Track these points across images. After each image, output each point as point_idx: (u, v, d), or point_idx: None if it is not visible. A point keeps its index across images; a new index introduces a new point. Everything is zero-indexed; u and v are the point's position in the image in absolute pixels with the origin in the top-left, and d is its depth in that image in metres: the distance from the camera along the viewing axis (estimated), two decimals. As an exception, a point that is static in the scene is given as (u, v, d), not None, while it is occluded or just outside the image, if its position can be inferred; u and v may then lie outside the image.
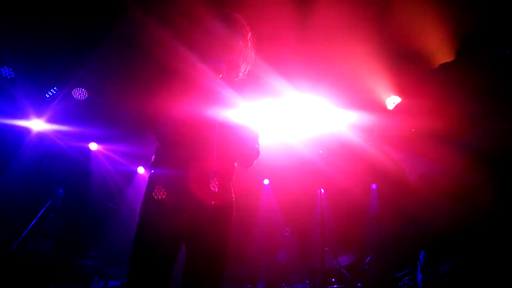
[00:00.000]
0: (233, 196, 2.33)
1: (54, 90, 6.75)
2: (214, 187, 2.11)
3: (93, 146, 8.49)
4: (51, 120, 7.27)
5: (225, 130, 2.21)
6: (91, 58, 5.96)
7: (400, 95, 5.78)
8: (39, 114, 7.10)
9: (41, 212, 5.81)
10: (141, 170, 9.24)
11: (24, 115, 6.98)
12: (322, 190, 7.38)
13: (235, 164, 2.39)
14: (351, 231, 7.91)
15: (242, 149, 2.33)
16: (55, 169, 7.51)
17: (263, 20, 4.77)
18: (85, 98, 6.68)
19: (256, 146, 2.40)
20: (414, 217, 1.94)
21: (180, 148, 2.19)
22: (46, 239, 6.15)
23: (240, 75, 2.45)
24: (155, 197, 2.15)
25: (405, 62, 5.22)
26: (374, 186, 8.99)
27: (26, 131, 7.23)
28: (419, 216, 1.93)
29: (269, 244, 8.49)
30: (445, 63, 2.22)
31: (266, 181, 9.96)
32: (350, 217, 8.21)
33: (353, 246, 7.37)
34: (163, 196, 2.14)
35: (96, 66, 6.10)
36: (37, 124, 7.27)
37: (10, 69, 6.09)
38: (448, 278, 2.37)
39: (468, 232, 1.83)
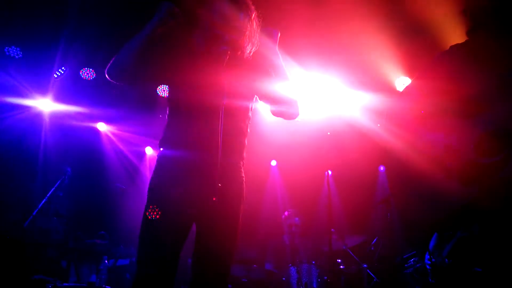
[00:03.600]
0: (243, 175, 2.31)
1: (63, 69, 6.75)
2: (219, 167, 2.05)
3: (102, 126, 8.52)
4: (59, 100, 7.29)
5: (234, 99, 2.20)
6: (101, 36, 5.91)
7: (410, 76, 5.72)
8: (46, 93, 7.11)
9: (51, 191, 5.88)
10: (149, 150, 9.28)
11: (31, 95, 7.00)
12: (330, 172, 7.38)
13: (245, 141, 2.35)
14: (358, 213, 7.92)
15: (264, 90, 2.31)
16: (64, 149, 7.57)
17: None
18: (93, 78, 6.68)
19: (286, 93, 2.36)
20: (423, 199, 1.93)
21: (190, 122, 2.18)
22: (56, 218, 6.25)
23: (245, 55, 2.41)
24: (165, 176, 2.15)
25: (417, 40, 5.13)
26: (382, 168, 8.96)
27: (33, 110, 7.26)
28: (428, 198, 1.92)
29: (276, 225, 8.55)
30: (457, 44, 2.17)
31: (273, 162, 9.96)
32: (357, 199, 8.21)
33: (359, 228, 7.40)
34: (172, 175, 2.14)
35: (106, 44, 6.06)
36: (44, 104, 7.29)
37: (18, 49, 6.09)
38: (449, 259, 2.38)
39: (478, 213, 1.81)
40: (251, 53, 2.43)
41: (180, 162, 2.15)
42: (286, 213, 7.55)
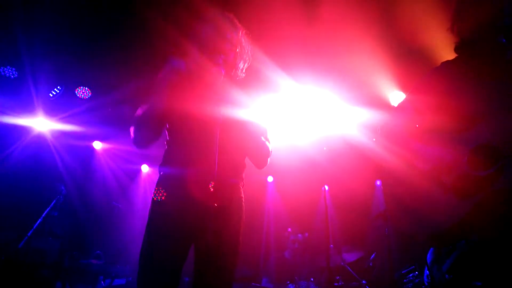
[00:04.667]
0: (242, 196, 2.32)
1: (58, 88, 6.77)
2: (214, 188, 2.08)
3: (97, 144, 8.51)
4: (55, 119, 7.29)
5: (230, 126, 2.20)
6: (95, 55, 5.95)
7: (404, 92, 5.76)
8: (43, 113, 7.11)
9: (46, 211, 5.83)
10: (145, 168, 9.25)
11: (28, 114, 7.00)
12: (326, 187, 7.37)
13: (245, 162, 2.37)
14: (356, 228, 7.89)
15: (251, 146, 2.31)
16: (59, 167, 7.53)
17: (268, 15, 4.77)
18: (89, 97, 6.69)
19: (266, 141, 2.38)
20: (419, 214, 1.93)
21: (186, 147, 2.20)
22: (51, 238, 6.19)
23: (239, 73, 2.44)
24: (163, 198, 2.17)
25: (410, 59, 5.19)
26: (378, 182, 8.96)
27: (30, 129, 7.25)
28: (424, 213, 1.92)
29: (273, 241, 8.50)
30: (448, 61, 2.20)
31: (270, 178, 9.95)
32: (354, 214, 8.20)
33: (358, 243, 7.36)
34: (170, 197, 2.16)
35: (101, 63, 6.10)
36: (41, 123, 7.29)
37: (13, 69, 6.10)
38: (449, 275, 2.36)
39: (473, 227, 1.81)
40: (244, 70, 2.45)
41: (179, 184, 2.16)
42: (289, 229, 7.52)
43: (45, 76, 6.33)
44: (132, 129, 2.26)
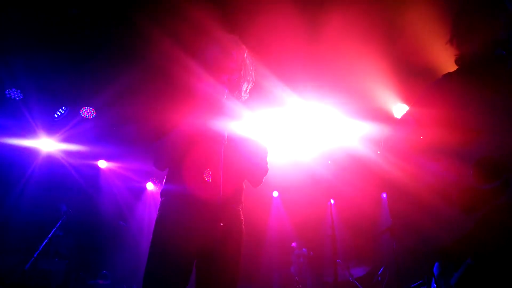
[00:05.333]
0: (242, 218, 2.33)
1: (63, 109, 6.83)
2: (220, 208, 2.09)
3: (102, 163, 8.53)
4: (60, 139, 7.33)
5: (233, 148, 2.22)
6: (98, 75, 6.01)
7: (407, 104, 5.75)
8: (48, 133, 7.16)
9: (52, 232, 5.83)
10: (150, 186, 9.26)
11: (33, 135, 7.05)
12: (332, 201, 7.33)
13: (243, 184, 2.39)
14: (363, 242, 7.82)
15: (250, 166, 2.32)
16: (65, 188, 7.55)
17: (272, 32, 4.81)
18: (93, 117, 6.74)
19: (264, 162, 2.39)
20: (424, 229, 1.91)
21: (192, 166, 2.20)
22: (57, 259, 6.17)
23: (242, 94, 2.47)
24: (168, 217, 2.19)
25: (413, 73, 5.21)
26: (385, 195, 8.89)
27: (35, 150, 7.29)
28: (429, 228, 1.90)
29: (280, 256, 8.43)
30: (449, 73, 2.21)
31: (275, 194, 9.92)
32: (361, 228, 8.13)
33: (365, 258, 7.28)
34: (176, 216, 2.17)
35: (103, 82, 6.15)
36: (46, 144, 7.33)
37: (19, 91, 6.17)
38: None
39: (479, 241, 1.79)
40: (248, 90, 2.47)
41: (185, 203, 2.17)
42: (293, 244, 7.47)
43: (49, 97, 6.40)
44: (155, 153, 2.28)
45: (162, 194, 2.30)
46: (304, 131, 7.14)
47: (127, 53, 5.48)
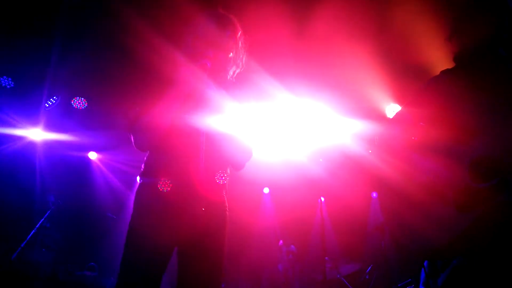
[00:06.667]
0: (227, 205, 2.25)
1: (54, 99, 6.74)
2: (200, 193, 2.03)
3: (93, 155, 8.46)
4: (49, 129, 7.25)
5: (214, 134, 2.14)
6: (80, 62, 5.91)
7: (400, 104, 5.78)
8: (36, 123, 7.07)
9: (40, 222, 5.77)
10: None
11: (21, 124, 6.96)
12: (322, 199, 7.35)
13: (228, 170, 2.29)
14: (352, 241, 7.86)
15: (233, 150, 2.22)
16: (53, 178, 7.48)
17: (262, 28, 4.78)
18: (84, 107, 6.67)
19: (248, 145, 2.29)
20: (417, 228, 1.91)
21: (169, 155, 2.13)
22: (44, 250, 6.11)
23: (228, 76, 2.35)
24: (144, 207, 2.11)
25: (406, 71, 5.22)
26: (374, 194, 8.95)
27: (23, 139, 7.20)
28: (422, 227, 1.90)
29: (269, 253, 8.44)
30: (446, 70, 2.19)
31: (266, 190, 9.92)
32: (350, 226, 8.17)
33: (354, 256, 7.32)
34: (155, 203, 2.08)
35: (86, 70, 6.06)
36: (34, 133, 7.24)
37: (10, 79, 6.08)
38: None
39: (473, 241, 1.79)
40: (235, 74, 2.37)
41: (160, 193, 2.08)
42: (281, 241, 7.47)
43: (40, 86, 6.31)
44: (136, 134, 2.15)
45: (141, 177, 2.19)
46: (296, 128, 7.14)
47: (109, 41, 5.39)
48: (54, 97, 6.70)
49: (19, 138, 7.09)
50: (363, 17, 4.86)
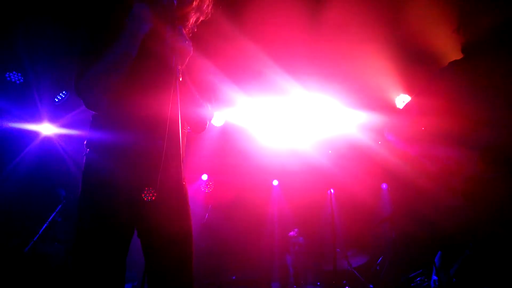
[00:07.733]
0: (184, 176, 1.94)
1: (64, 93, 6.77)
2: (164, 167, 1.74)
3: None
4: (61, 124, 7.29)
5: (181, 94, 1.75)
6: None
7: (409, 94, 5.72)
8: (48, 118, 7.12)
9: (52, 216, 5.83)
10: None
11: (33, 119, 7.01)
12: (332, 191, 7.33)
13: (185, 138, 2.04)
14: (362, 232, 7.83)
15: (192, 108, 1.97)
16: (63, 173, 7.53)
17: (273, 19, 4.75)
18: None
19: (207, 104, 2.06)
20: (426, 218, 1.89)
21: (134, 112, 1.87)
22: (57, 243, 6.18)
23: (190, 26, 2.07)
24: (92, 178, 1.86)
25: (416, 62, 5.15)
26: (384, 185, 8.91)
27: (34, 135, 7.26)
28: (431, 217, 1.88)
29: (280, 244, 8.46)
30: (455, 61, 2.17)
31: (275, 182, 9.92)
32: (360, 218, 8.13)
33: (364, 247, 7.30)
34: (103, 175, 1.84)
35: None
36: (47, 128, 7.29)
37: (19, 74, 6.12)
38: (455, 278, 2.32)
39: (480, 230, 1.78)
40: (199, 20, 2.09)
41: (114, 159, 1.85)
42: (291, 232, 7.50)
43: (50, 81, 6.34)
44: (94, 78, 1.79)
45: (88, 144, 1.92)
46: (305, 120, 7.12)
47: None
48: (64, 92, 6.73)
49: (29, 133, 7.15)
50: (373, 9, 4.80)
